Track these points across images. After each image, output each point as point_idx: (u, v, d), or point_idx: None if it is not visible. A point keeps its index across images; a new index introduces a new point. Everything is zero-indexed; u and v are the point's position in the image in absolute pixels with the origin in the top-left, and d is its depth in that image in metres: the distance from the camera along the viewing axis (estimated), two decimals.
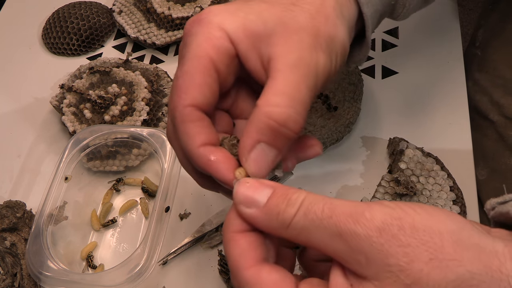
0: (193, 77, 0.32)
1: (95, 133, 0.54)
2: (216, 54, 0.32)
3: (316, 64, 0.32)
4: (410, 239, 0.25)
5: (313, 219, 0.27)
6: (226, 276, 0.49)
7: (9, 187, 0.59)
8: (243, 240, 0.29)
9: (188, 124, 0.31)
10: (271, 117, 0.30)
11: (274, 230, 0.29)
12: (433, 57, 0.66)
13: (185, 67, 0.32)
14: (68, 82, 0.64)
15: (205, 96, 0.32)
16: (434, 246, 0.25)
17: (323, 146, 0.57)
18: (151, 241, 0.46)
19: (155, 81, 0.63)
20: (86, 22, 0.71)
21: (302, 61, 0.31)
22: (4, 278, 0.49)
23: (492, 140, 0.66)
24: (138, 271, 0.45)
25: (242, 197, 0.30)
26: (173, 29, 0.69)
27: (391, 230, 0.26)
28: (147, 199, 0.56)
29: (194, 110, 0.32)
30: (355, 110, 0.59)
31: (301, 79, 0.31)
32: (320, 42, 0.33)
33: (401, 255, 0.25)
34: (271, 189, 0.29)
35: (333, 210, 0.27)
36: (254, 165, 0.31)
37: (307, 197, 0.28)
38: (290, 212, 0.28)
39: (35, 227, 0.48)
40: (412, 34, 0.70)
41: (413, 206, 0.27)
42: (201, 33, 0.32)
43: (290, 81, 0.31)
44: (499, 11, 0.70)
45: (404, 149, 0.55)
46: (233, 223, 0.30)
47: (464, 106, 0.61)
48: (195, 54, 0.32)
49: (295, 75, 0.31)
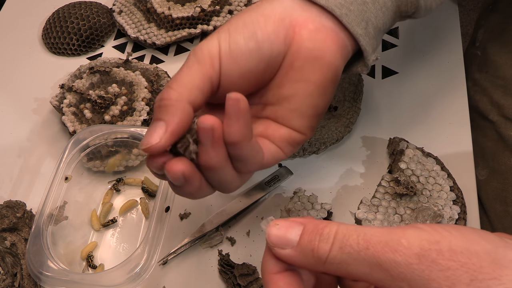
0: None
1: (95, 133, 0.54)
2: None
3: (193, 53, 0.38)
4: (449, 263, 0.26)
5: (350, 252, 0.28)
6: (226, 276, 0.49)
7: (9, 187, 0.59)
8: (282, 281, 0.30)
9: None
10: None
11: (312, 267, 0.29)
12: (433, 57, 0.66)
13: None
14: (68, 82, 0.64)
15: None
16: (473, 267, 0.26)
17: (323, 146, 0.57)
18: (151, 241, 0.46)
19: (155, 81, 0.63)
20: (86, 22, 0.71)
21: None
22: (4, 278, 0.49)
23: (492, 140, 0.66)
24: (138, 271, 0.45)
25: (275, 239, 0.30)
26: (173, 29, 0.69)
27: (430, 255, 0.26)
28: (147, 199, 0.56)
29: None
30: (355, 110, 0.59)
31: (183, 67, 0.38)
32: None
33: (443, 279, 0.26)
34: (301, 226, 0.30)
35: (369, 241, 0.27)
36: (148, 136, 0.35)
37: (339, 230, 0.28)
38: (325, 248, 0.28)
39: (35, 227, 0.48)
40: (412, 34, 0.70)
41: (447, 228, 0.27)
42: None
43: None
44: (500, 11, 0.70)
45: (404, 149, 0.55)
46: (269, 265, 0.31)
47: (464, 106, 0.61)
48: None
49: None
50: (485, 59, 0.70)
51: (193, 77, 0.37)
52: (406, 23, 0.68)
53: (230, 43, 0.38)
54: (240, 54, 0.38)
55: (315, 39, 0.39)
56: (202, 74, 0.37)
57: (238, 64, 0.38)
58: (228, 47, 0.38)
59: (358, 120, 0.60)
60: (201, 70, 0.37)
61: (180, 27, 0.69)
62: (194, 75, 0.37)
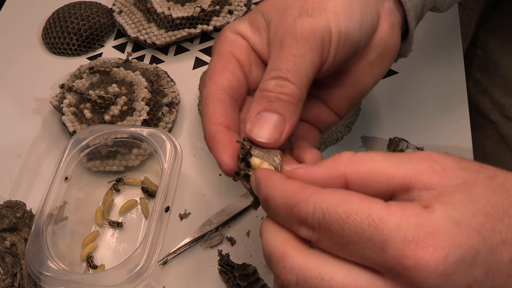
0: (214, 67, 0.36)
1: (95, 133, 0.54)
2: (232, 47, 0.36)
3: (301, 30, 0.33)
4: None
5: None
6: (226, 276, 0.49)
7: (9, 187, 0.59)
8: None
9: (209, 103, 0.35)
10: (263, 89, 0.33)
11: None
12: (433, 57, 0.66)
13: (211, 62, 0.37)
14: (68, 82, 0.64)
15: (227, 79, 0.35)
16: None
17: (323, 146, 0.57)
18: (151, 241, 0.46)
19: (155, 81, 0.63)
20: (86, 22, 0.71)
21: (287, 34, 0.33)
22: (4, 278, 0.49)
23: (493, 140, 0.66)
24: (138, 271, 0.45)
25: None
26: (173, 29, 0.69)
27: None
28: (147, 199, 0.56)
29: (218, 92, 0.35)
30: (355, 110, 0.59)
31: (286, 51, 0.33)
32: (306, 10, 0.33)
33: None
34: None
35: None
36: (254, 127, 0.33)
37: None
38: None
39: (35, 227, 0.48)
40: None
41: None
42: (220, 41, 0.38)
43: (277, 58, 0.33)
44: (500, 11, 0.70)
45: (404, 149, 0.55)
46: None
47: (464, 106, 0.61)
48: (216, 53, 0.37)
49: (282, 50, 0.33)
50: (485, 59, 0.70)
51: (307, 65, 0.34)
52: None
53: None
54: (350, 41, 0.35)
55: (392, 34, 0.38)
56: (313, 64, 0.34)
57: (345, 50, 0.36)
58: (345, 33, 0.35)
59: (358, 120, 0.60)
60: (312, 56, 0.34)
61: (180, 27, 0.69)
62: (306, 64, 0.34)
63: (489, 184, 0.25)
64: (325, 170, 0.29)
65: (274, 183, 0.29)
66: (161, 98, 0.62)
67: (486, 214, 0.24)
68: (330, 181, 0.28)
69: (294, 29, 0.33)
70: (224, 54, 0.36)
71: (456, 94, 0.63)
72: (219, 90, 0.35)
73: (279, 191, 0.28)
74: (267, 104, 0.33)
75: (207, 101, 0.35)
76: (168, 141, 0.53)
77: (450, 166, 0.26)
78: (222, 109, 0.34)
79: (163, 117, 0.61)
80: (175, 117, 0.62)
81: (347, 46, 0.35)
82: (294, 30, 0.33)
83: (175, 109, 0.62)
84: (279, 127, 0.33)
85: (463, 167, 0.26)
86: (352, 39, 0.34)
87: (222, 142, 0.33)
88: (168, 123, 0.61)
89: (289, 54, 0.33)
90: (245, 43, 0.37)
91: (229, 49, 0.36)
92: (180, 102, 0.64)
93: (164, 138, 0.53)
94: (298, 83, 0.33)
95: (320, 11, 0.33)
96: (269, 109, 0.33)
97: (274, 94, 0.33)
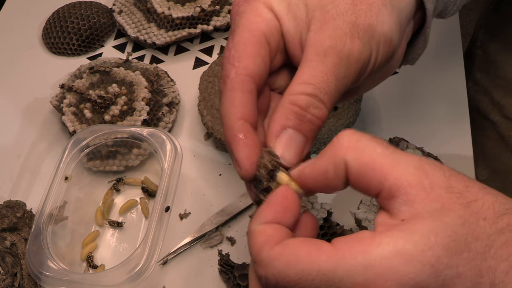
0: (246, 47, 0.31)
1: (95, 133, 0.54)
2: (266, 27, 0.32)
3: (349, 53, 0.31)
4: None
5: None
6: (226, 276, 0.49)
7: (9, 187, 0.59)
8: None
9: (237, 92, 0.31)
10: (296, 103, 0.30)
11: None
12: (433, 57, 0.66)
13: (236, 39, 0.32)
14: (68, 82, 0.64)
15: (258, 67, 0.31)
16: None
17: (323, 146, 0.57)
18: (151, 241, 0.46)
19: (155, 81, 0.63)
20: (86, 22, 0.71)
21: (333, 49, 0.31)
22: (4, 278, 0.49)
23: (493, 140, 0.66)
24: (138, 271, 0.45)
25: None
26: (173, 29, 0.69)
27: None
28: (147, 199, 0.56)
29: (247, 80, 0.31)
30: (355, 110, 0.59)
31: (329, 69, 0.31)
32: (357, 31, 0.32)
33: None
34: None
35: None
36: (281, 146, 0.30)
37: None
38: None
39: (35, 227, 0.48)
40: None
41: None
42: (250, 10, 0.33)
43: (317, 71, 0.31)
44: (500, 11, 0.70)
45: (404, 149, 0.55)
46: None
47: (464, 106, 0.61)
48: (247, 27, 0.32)
49: (324, 65, 0.31)
50: (486, 59, 0.70)
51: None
52: None
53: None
54: (377, 70, 0.35)
55: (400, 58, 0.37)
56: (346, 88, 0.33)
57: None
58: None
59: (358, 120, 0.60)
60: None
61: (180, 27, 0.69)
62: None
63: (462, 213, 0.25)
64: (327, 161, 0.28)
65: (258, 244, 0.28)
66: (161, 98, 0.62)
67: (445, 247, 0.24)
68: (332, 169, 0.28)
69: (343, 49, 0.31)
70: (257, 32, 0.32)
71: (456, 94, 0.63)
72: (249, 77, 0.31)
73: (255, 249, 0.28)
74: (296, 122, 0.31)
75: (234, 87, 0.31)
76: (168, 141, 0.53)
77: (439, 184, 0.26)
78: (250, 102, 0.31)
79: (163, 117, 0.61)
80: (175, 117, 0.62)
81: (374, 72, 0.34)
82: (342, 50, 0.31)
83: (175, 109, 0.62)
84: (302, 150, 0.31)
85: (448, 187, 0.26)
86: (380, 68, 0.34)
87: (248, 147, 0.30)
88: (168, 123, 0.61)
89: (331, 75, 0.31)
90: (278, 26, 0.33)
91: (263, 28, 0.32)
92: (180, 102, 0.64)
93: (164, 138, 0.53)
94: (330, 107, 0.31)
95: (369, 38, 0.32)
96: (297, 129, 0.31)
97: (307, 115, 0.31)
